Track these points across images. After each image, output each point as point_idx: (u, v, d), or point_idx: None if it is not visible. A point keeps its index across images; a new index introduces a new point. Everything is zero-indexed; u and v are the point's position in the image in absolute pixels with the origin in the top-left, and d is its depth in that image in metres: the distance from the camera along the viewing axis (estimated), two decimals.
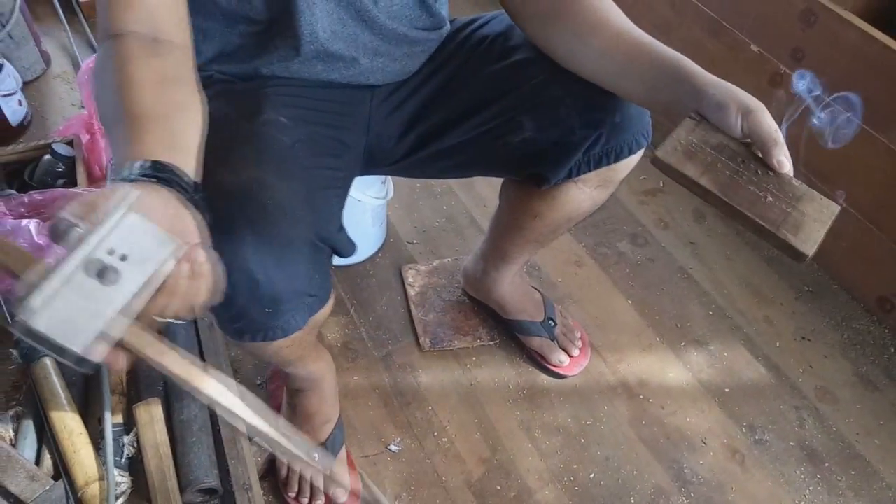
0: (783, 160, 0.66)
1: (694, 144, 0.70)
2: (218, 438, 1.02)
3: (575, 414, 1.18)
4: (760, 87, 1.41)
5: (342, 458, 1.06)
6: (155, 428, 0.99)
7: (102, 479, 0.93)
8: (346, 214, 0.81)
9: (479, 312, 1.28)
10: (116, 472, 0.94)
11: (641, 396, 1.21)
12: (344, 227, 0.78)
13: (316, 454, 0.59)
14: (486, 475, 1.10)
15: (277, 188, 0.68)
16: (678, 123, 0.71)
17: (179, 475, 0.96)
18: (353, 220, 0.79)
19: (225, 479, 0.98)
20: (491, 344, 1.25)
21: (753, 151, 0.69)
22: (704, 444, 1.15)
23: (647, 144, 0.88)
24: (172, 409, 1.02)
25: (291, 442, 0.55)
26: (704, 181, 0.69)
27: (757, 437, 1.17)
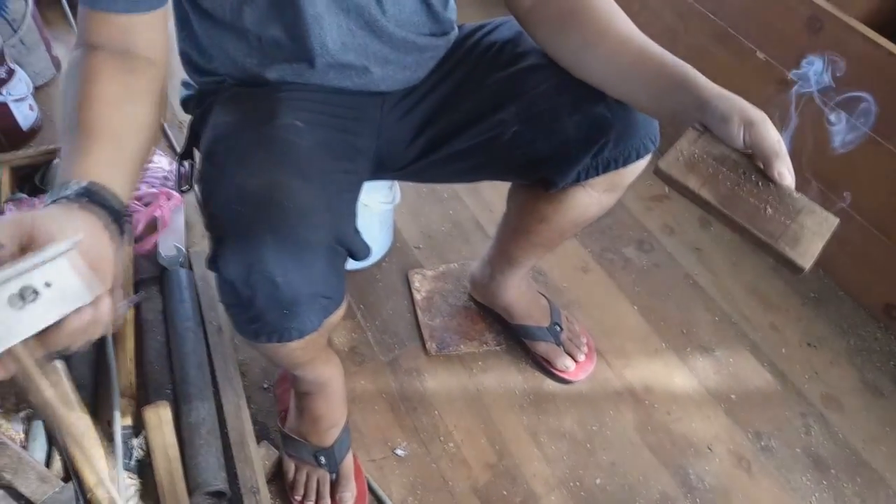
0: (784, 172, 0.66)
1: (696, 155, 0.71)
2: (226, 442, 1.02)
3: (581, 419, 1.18)
4: (766, 93, 1.41)
5: (349, 462, 1.07)
6: (164, 430, 0.99)
7: (112, 480, 0.94)
8: None
9: (485, 317, 1.29)
10: (125, 474, 0.95)
11: (647, 402, 1.21)
12: (359, 230, 0.78)
13: None
14: (492, 480, 1.10)
15: (297, 191, 0.69)
16: (682, 133, 0.72)
17: (188, 478, 0.96)
18: (360, 224, 0.80)
19: (233, 482, 0.99)
20: (497, 349, 1.25)
21: (755, 163, 0.69)
22: (710, 450, 1.16)
23: (654, 149, 0.89)
24: (181, 411, 1.03)
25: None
26: (705, 192, 0.70)
27: (763, 443, 1.17)
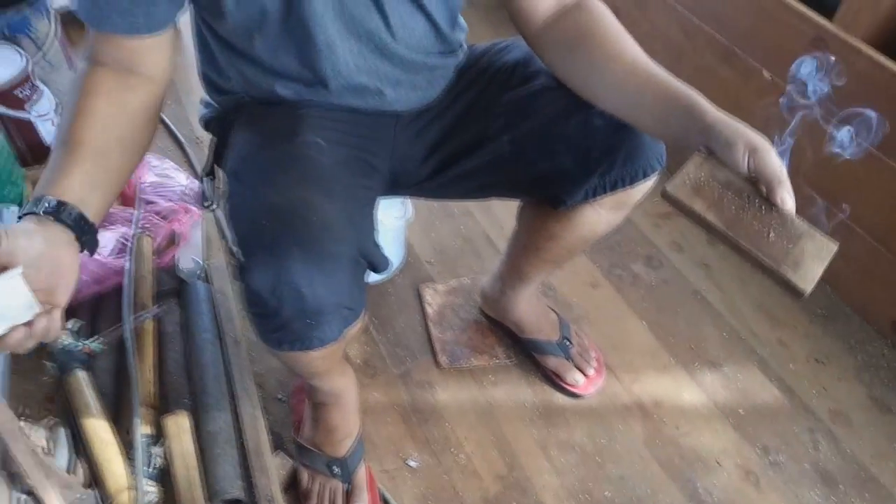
0: (787, 198, 0.68)
1: (702, 180, 0.74)
2: (243, 451, 1.05)
3: (590, 433, 1.20)
4: (772, 112, 1.43)
5: (362, 472, 1.09)
6: (183, 439, 1.02)
7: (133, 488, 0.97)
8: None
9: (495, 331, 1.31)
10: (146, 481, 0.97)
11: (656, 416, 1.22)
12: (378, 243, 0.81)
13: None
14: (502, 492, 1.12)
15: (322, 206, 0.72)
16: (688, 158, 0.74)
17: (206, 486, 0.99)
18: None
19: (249, 490, 1.01)
20: (507, 363, 1.28)
21: (759, 188, 0.71)
22: (719, 464, 1.17)
23: (661, 169, 0.92)
24: (200, 421, 1.06)
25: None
26: (711, 216, 0.72)
27: (771, 458, 1.18)
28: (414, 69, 0.88)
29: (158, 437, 1.04)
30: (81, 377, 1.07)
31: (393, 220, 1.26)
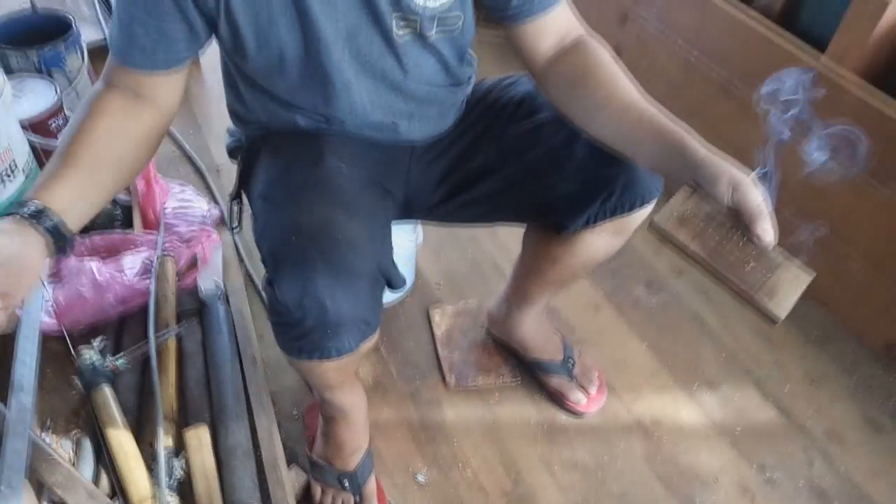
0: (767, 230, 0.73)
1: (688, 213, 0.80)
2: (260, 465, 1.10)
3: (593, 450, 1.24)
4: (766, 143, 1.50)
5: (371, 485, 1.13)
6: (203, 452, 1.07)
7: (154, 498, 1.01)
8: None
9: (501, 352, 1.36)
10: (167, 491, 1.02)
11: (656, 435, 1.27)
12: (395, 262, 0.87)
13: None
14: None
15: (346, 225, 0.79)
16: (676, 191, 0.80)
17: (224, 497, 1.03)
18: None
19: (265, 501, 1.06)
20: (513, 382, 1.32)
21: (741, 221, 0.77)
22: (717, 481, 1.21)
23: (658, 197, 0.98)
24: (218, 435, 1.11)
25: None
26: (694, 246, 0.79)
27: (767, 475, 1.22)
28: (426, 102, 0.95)
29: (179, 449, 1.09)
30: (107, 392, 1.12)
31: (406, 242, 1.32)
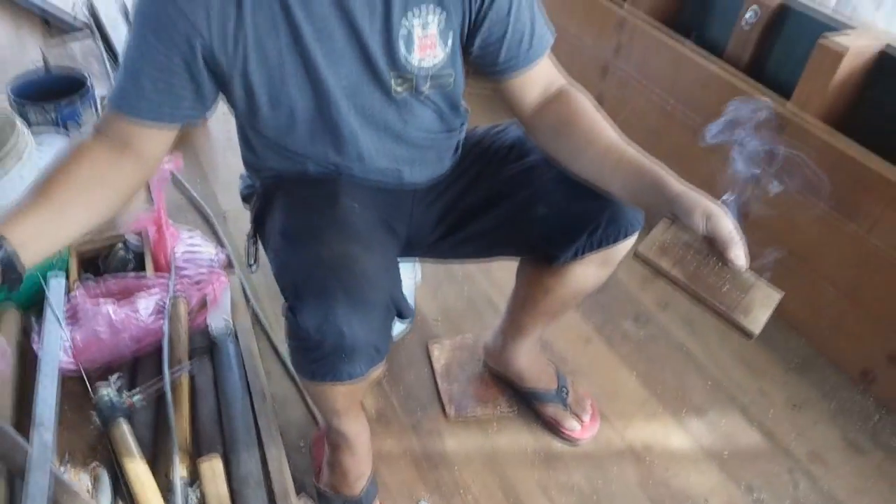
0: (739, 255, 0.83)
1: (668, 242, 0.89)
2: (270, 493, 1.15)
3: (588, 475, 1.30)
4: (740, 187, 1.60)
5: None
6: (217, 482, 1.12)
7: None
8: None
9: (498, 384, 1.42)
10: None
11: (648, 459, 1.33)
12: (404, 294, 0.95)
13: None
14: None
15: (363, 260, 0.86)
16: (656, 224, 0.90)
17: None
18: None
19: None
20: (510, 412, 1.38)
21: (715, 247, 0.86)
22: (706, 503, 1.26)
23: (640, 229, 1.06)
24: (231, 465, 1.16)
25: None
26: (675, 272, 0.88)
27: (755, 496, 1.28)
28: (424, 148, 1.04)
29: (194, 480, 1.14)
30: (124, 427, 1.18)
31: (406, 280, 1.39)
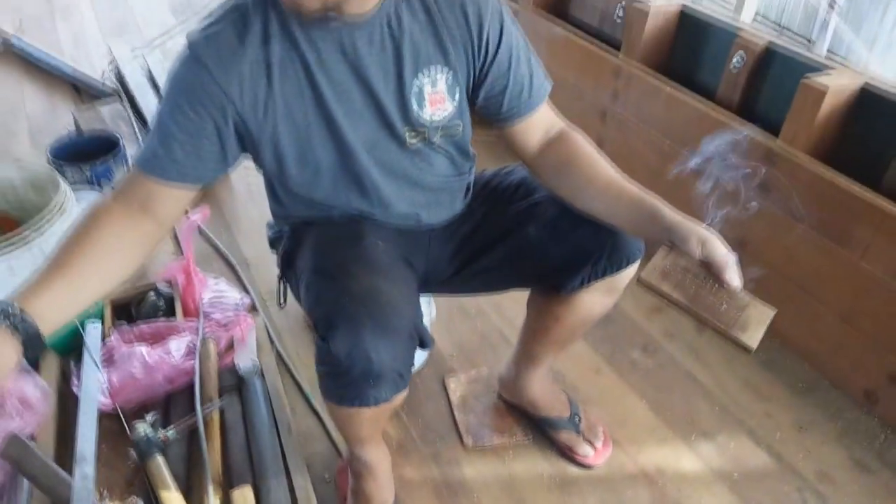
0: (734, 277, 0.92)
1: (668, 267, 0.98)
2: None
3: (602, 499, 1.34)
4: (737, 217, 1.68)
5: None
6: None
7: None
8: None
9: (513, 413, 1.48)
10: None
11: (660, 483, 1.37)
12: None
13: None
14: None
15: (389, 292, 0.94)
16: (656, 251, 0.98)
17: None
18: None
19: None
20: (525, 440, 1.44)
21: (712, 271, 0.94)
22: None
23: (641, 258, 1.14)
24: (261, 493, 1.22)
25: None
26: (676, 294, 0.96)
27: None
28: (439, 191, 1.13)
29: None
30: (160, 461, 1.24)
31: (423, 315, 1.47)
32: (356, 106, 0.98)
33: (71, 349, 1.49)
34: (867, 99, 1.51)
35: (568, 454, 1.40)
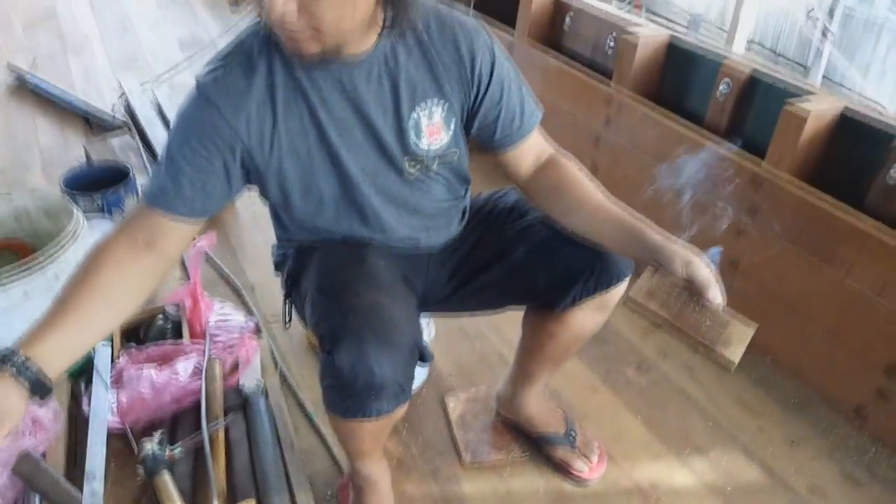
0: (716, 295, 0.98)
1: (653, 286, 1.03)
2: None
3: None
4: (726, 237, 1.73)
5: None
6: None
7: None
8: None
9: (510, 430, 1.52)
10: None
11: (654, 497, 1.40)
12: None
13: None
14: None
15: (391, 308, 0.99)
16: (642, 271, 1.03)
17: None
18: None
19: None
20: (522, 457, 1.47)
21: (695, 289, 1.00)
22: None
23: (629, 276, 1.19)
24: None
25: None
26: (662, 313, 1.01)
27: None
28: (436, 216, 1.19)
29: None
30: (167, 478, 1.28)
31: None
32: (357, 140, 1.04)
33: (81, 371, 1.54)
34: (847, 123, 1.57)
35: (564, 470, 1.44)
